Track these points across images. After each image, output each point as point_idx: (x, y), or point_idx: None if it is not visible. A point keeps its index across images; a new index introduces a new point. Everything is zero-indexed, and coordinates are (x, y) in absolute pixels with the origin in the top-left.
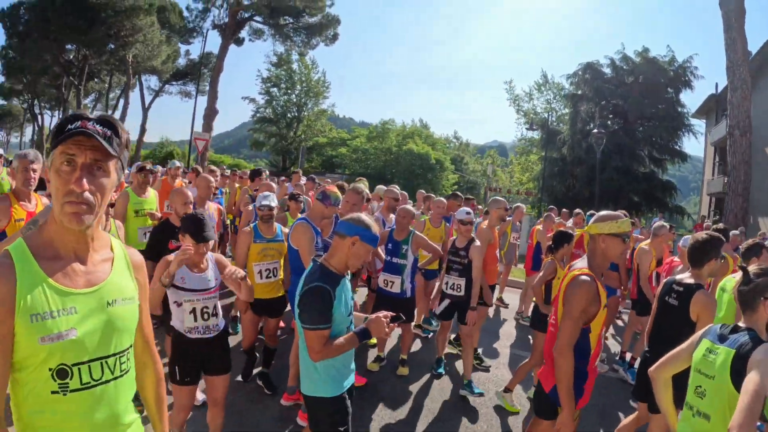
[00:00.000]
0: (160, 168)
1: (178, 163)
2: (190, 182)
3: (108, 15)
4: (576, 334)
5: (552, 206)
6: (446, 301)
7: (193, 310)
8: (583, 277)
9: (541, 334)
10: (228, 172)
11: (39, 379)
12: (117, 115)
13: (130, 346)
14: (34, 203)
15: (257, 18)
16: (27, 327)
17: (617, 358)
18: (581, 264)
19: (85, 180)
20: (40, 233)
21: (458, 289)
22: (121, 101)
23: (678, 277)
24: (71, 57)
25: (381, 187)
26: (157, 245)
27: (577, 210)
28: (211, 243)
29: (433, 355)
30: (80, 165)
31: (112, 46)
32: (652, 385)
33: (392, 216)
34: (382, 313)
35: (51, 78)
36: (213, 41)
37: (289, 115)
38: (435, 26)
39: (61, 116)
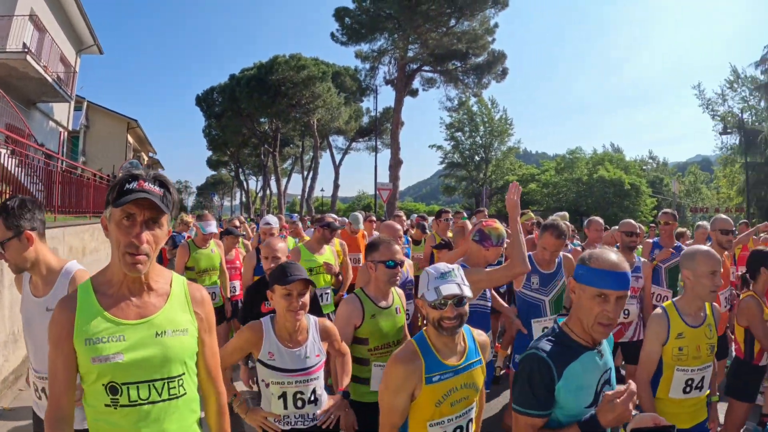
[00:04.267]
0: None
1: (358, 215)
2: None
3: (287, 88)
4: None
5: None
6: None
7: (283, 395)
8: None
9: None
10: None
11: (96, 392)
12: (310, 175)
13: (183, 374)
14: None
15: (426, 67)
16: (83, 348)
17: None
18: None
19: (143, 234)
20: (103, 272)
21: None
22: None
23: None
24: (266, 128)
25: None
26: (249, 307)
27: None
28: (308, 295)
29: None
30: (139, 222)
31: (297, 115)
32: None
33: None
34: (623, 389)
35: (251, 148)
36: (392, 96)
37: (476, 157)
38: (616, 44)
39: (254, 180)
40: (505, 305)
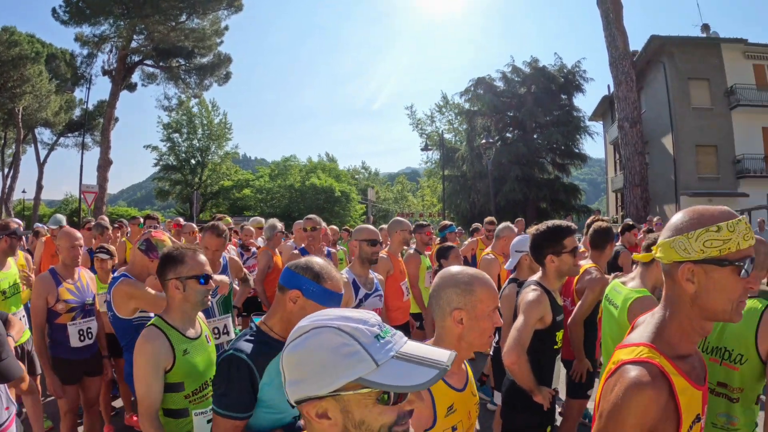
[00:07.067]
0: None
1: (60, 217)
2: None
3: None
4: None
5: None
6: None
7: None
8: None
9: None
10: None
11: None
12: (11, 173)
13: None
14: None
15: (148, 61)
16: None
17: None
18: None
19: None
20: None
21: None
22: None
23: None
24: None
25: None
26: None
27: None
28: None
29: None
30: None
31: (0, 100)
32: None
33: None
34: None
35: None
36: (108, 89)
37: (192, 160)
38: (347, 61)
39: None
40: None
